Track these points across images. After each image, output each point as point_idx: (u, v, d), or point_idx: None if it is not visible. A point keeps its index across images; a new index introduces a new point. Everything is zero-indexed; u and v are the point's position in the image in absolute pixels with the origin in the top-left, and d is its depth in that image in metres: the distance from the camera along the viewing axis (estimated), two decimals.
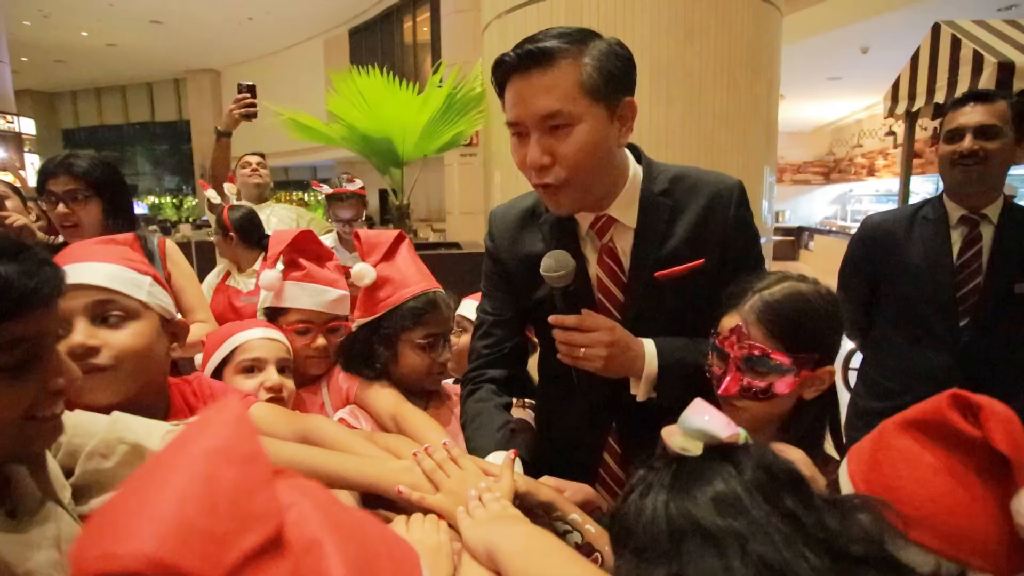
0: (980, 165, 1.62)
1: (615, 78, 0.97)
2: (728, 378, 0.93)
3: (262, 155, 3.10)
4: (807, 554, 0.48)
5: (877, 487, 0.62)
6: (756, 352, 0.91)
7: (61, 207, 1.67)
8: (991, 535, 0.57)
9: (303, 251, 1.40)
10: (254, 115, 2.44)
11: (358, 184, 2.74)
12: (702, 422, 0.58)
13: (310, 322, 1.36)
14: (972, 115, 1.64)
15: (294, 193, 17.29)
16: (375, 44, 13.57)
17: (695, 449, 0.57)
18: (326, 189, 2.76)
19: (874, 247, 1.85)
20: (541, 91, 0.95)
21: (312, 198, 16.47)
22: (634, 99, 1.03)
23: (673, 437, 0.60)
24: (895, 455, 0.62)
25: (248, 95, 2.39)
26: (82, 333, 0.88)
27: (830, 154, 14.41)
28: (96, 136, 19.70)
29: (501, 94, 1.02)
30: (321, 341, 1.36)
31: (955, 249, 1.71)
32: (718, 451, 0.56)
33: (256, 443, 0.37)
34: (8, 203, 2.17)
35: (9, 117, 8.79)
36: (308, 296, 1.36)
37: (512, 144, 1.03)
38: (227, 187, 2.74)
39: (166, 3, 12.47)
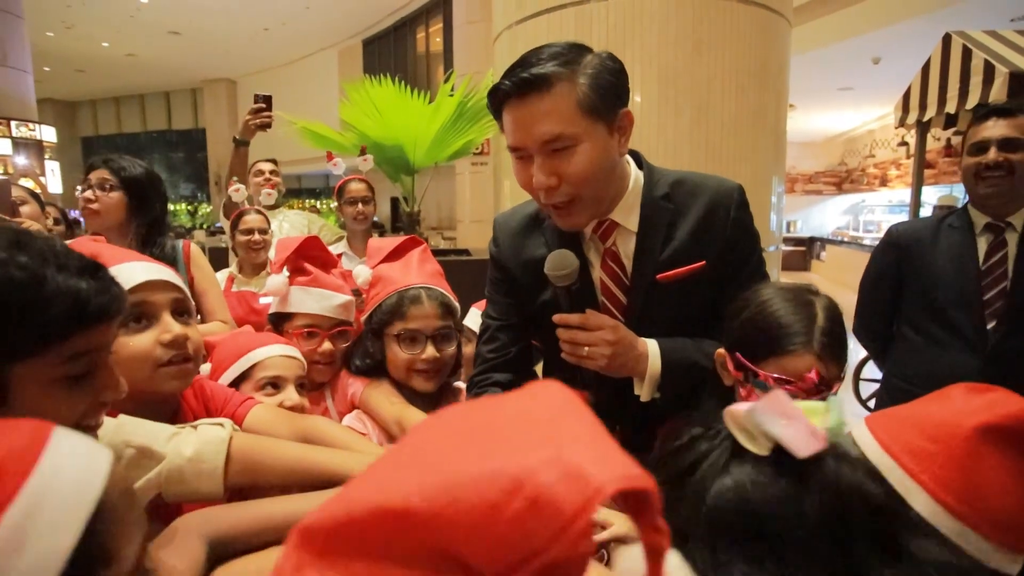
0: (1006, 177, 1.65)
1: (610, 93, 0.99)
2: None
3: (275, 162, 3.15)
4: None
5: (967, 494, 0.62)
6: (834, 384, 0.89)
7: (88, 192, 1.82)
8: None
9: (309, 257, 1.43)
10: (269, 125, 2.49)
11: (370, 163, 2.81)
12: (780, 431, 0.49)
13: (316, 326, 1.38)
14: (996, 128, 1.68)
15: (307, 201, 17.46)
16: (388, 54, 13.72)
17: (760, 449, 0.51)
18: (341, 166, 2.82)
19: (900, 253, 1.87)
20: (540, 116, 0.96)
21: (324, 205, 16.61)
22: (630, 109, 1.04)
23: (736, 420, 0.53)
24: (986, 465, 0.62)
25: (264, 106, 2.44)
26: (177, 325, 0.94)
27: (842, 164, 14.34)
28: (114, 144, 20.00)
29: (498, 118, 1.04)
30: (327, 345, 1.38)
31: (981, 254, 1.74)
32: (786, 461, 0.50)
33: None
34: (25, 208, 2.24)
35: (31, 125, 8.96)
36: (314, 300, 1.38)
37: (515, 166, 1.04)
38: (232, 192, 2.81)
39: (184, 15, 12.71)
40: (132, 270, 0.93)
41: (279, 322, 1.42)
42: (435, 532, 0.27)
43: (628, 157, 1.13)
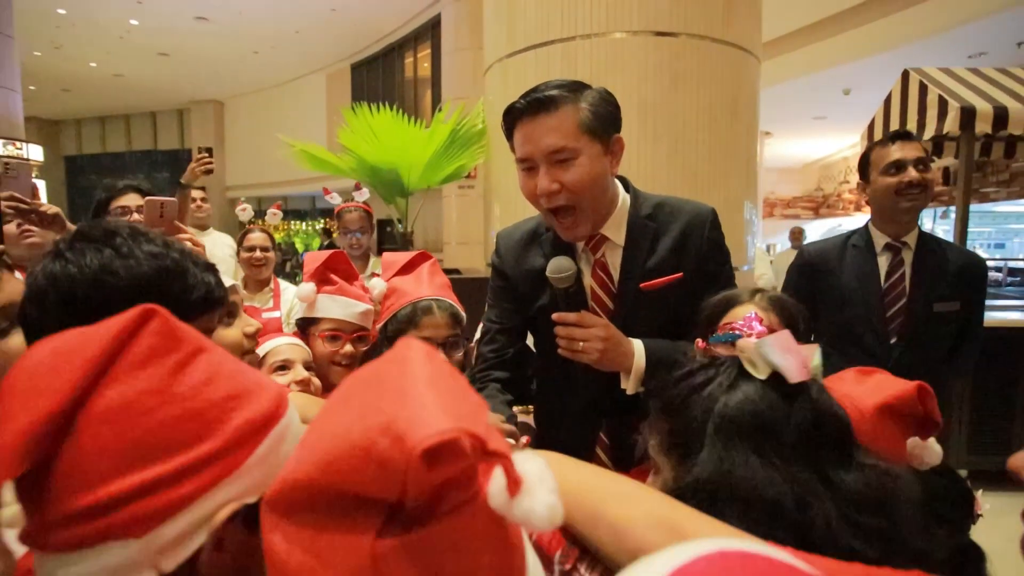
0: (923, 193, 1.83)
1: (607, 119, 1.17)
2: None
3: (203, 188, 3.38)
4: (818, 510, 0.58)
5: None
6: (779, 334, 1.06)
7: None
8: None
9: (335, 269, 1.58)
10: (212, 171, 2.70)
11: (365, 194, 2.97)
12: (779, 360, 0.65)
13: (340, 330, 1.52)
14: (908, 150, 1.84)
15: (292, 222, 17.50)
16: (376, 79, 13.92)
17: (761, 373, 0.67)
18: (336, 198, 2.98)
19: (812, 273, 2.00)
20: (548, 131, 1.14)
21: (311, 227, 16.68)
22: (621, 136, 1.22)
23: (746, 352, 0.68)
24: (875, 432, 0.78)
25: (207, 155, 2.64)
26: (254, 320, 1.11)
27: (818, 190, 14.76)
28: (98, 163, 19.93)
29: (510, 136, 1.21)
30: (349, 348, 1.52)
31: (882, 274, 1.89)
32: (781, 383, 0.65)
33: (451, 367, 0.43)
34: None
35: (19, 144, 8.99)
36: (339, 307, 1.52)
37: (521, 179, 1.21)
38: (239, 212, 2.99)
39: (174, 37, 12.83)
40: None
41: (306, 326, 1.56)
42: (335, 488, 0.37)
43: (617, 181, 1.30)
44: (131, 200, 1.97)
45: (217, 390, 0.48)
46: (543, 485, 0.38)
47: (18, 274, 0.92)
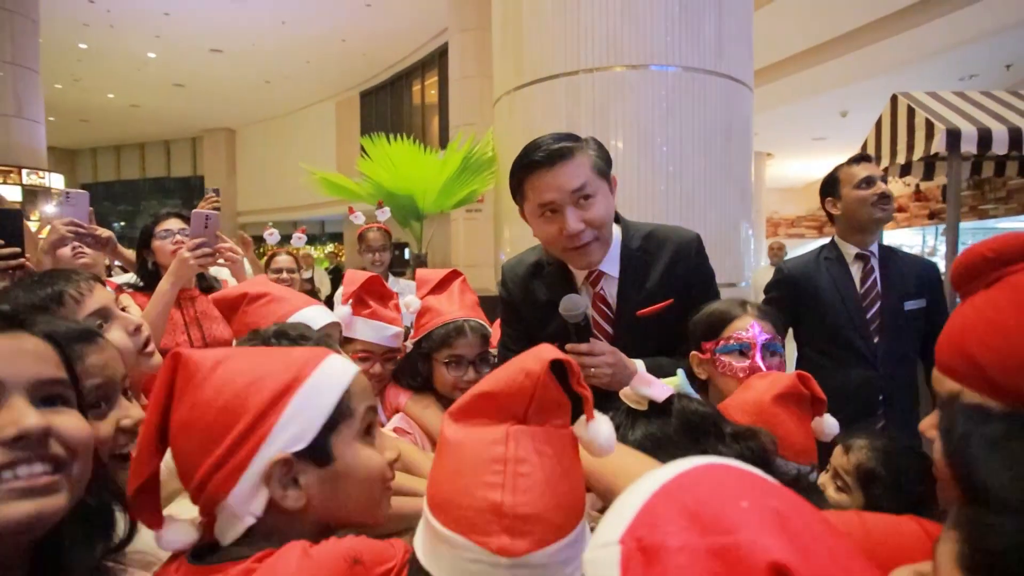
0: (891, 204, 2.09)
1: (606, 162, 1.38)
2: (761, 362, 1.24)
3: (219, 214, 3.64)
4: None
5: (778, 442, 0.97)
6: (774, 337, 1.26)
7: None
8: (812, 447, 1.01)
9: (371, 292, 1.68)
10: (219, 210, 2.91)
11: (387, 213, 3.20)
12: (647, 390, 0.92)
13: (371, 352, 1.62)
14: (872, 169, 2.12)
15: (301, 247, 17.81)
16: (385, 106, 14.26)
17: (642, 406, 0.91)
18: (360, 218, 3.21)
19: (793, 288, 2.19)
20: (570, 175, 1.31)
21: (319, 250, 16.94)
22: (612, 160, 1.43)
23: (628, 396, 0.94)
24: (781, 420, 1.00)
25: (214, 195, 2.87)
26: None
27: (822, 209, 14.91)
28: (113, 190, 20.41)
29: (518, 190, 1.38)
30: (378, 368, 1.63)
31: (857, 281, 2.11)
32: (658, 406, 0.91)
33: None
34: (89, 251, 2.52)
35: (41, 173, 9.32)
36: (372, 331, 1.62)
37: (541, 225, 1.37)
38: (267, 236, 3.21)
39: (190, 68, 13.25)
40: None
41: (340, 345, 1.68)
42: (500, 401, 0.60)
43: None
44: (173, 224, 2.20)
45: (234, 386, 0.70)
46: (607, 423, 0.62)
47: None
